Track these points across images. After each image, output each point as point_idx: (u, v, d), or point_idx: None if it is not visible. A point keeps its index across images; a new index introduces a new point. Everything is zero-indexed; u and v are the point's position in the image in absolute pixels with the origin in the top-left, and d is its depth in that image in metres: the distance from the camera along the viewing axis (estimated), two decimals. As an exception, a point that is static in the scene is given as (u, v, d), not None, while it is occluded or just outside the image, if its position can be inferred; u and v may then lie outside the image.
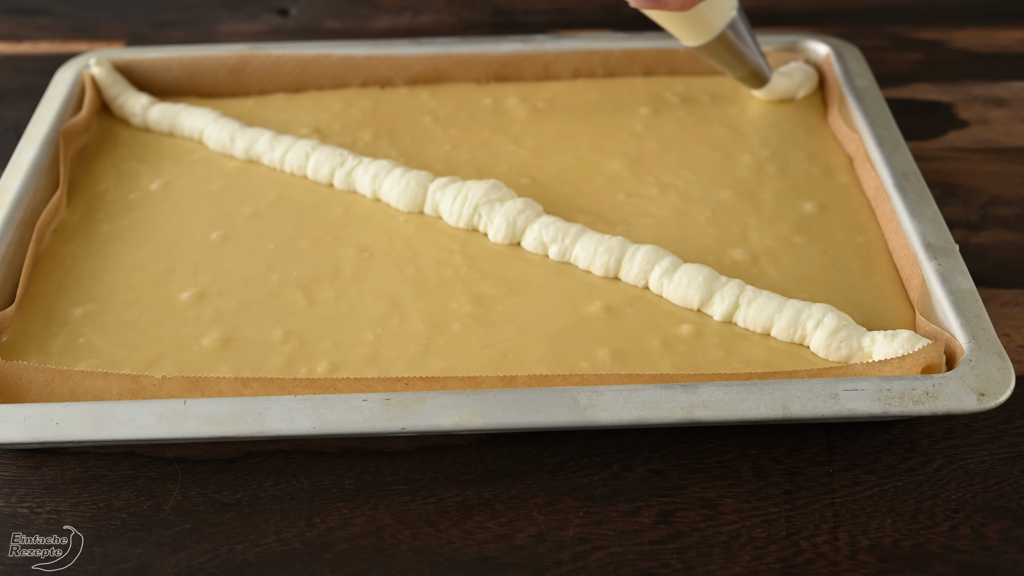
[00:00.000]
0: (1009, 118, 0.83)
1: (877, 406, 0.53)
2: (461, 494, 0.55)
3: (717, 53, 0.72)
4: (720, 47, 0.71)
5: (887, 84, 0.84)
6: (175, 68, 0.81)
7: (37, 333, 0.61)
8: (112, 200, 0.71)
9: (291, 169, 0.73)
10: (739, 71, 0.74)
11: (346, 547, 0.52)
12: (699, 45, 0.71)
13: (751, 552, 0.52)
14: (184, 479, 0.56)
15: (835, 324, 0.58)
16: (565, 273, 0.65)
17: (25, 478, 0.56)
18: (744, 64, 0.74)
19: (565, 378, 0.55)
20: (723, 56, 0.72)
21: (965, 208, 0.73)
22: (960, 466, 0.56)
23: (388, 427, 0.52)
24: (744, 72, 0.75)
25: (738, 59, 0.73)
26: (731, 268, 0.65)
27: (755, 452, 0.57)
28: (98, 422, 0.52)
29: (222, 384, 0.55)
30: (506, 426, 0.52)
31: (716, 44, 0.70)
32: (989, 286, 0.66)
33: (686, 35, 0.70)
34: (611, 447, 0.57)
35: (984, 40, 0.94)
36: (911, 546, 0.52)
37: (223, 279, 0.65)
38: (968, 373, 0.54)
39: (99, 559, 0.52)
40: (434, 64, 0.82)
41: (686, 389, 0.53)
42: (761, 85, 0.77)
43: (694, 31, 0.69)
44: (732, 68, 0.74)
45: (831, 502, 0.54)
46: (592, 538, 0.53)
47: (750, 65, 0.74)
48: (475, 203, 0.67)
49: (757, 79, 0.76)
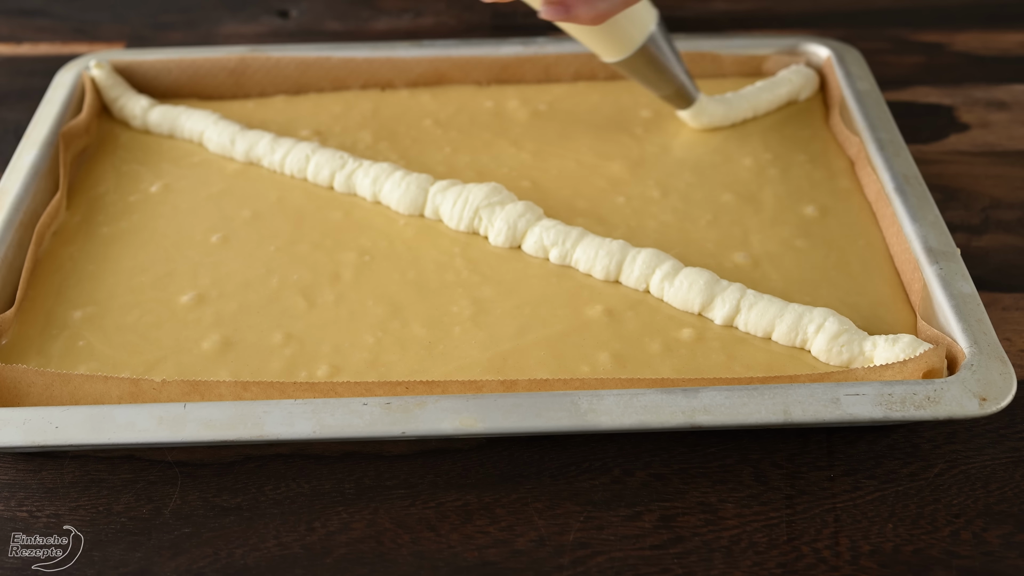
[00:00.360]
0: (1010, 121, 0.83)
1: (878, 411, 0.52)
2: (461, 498, 0.55)
3: (637, 70, 0.69)
4: (640, 63, 0.68)
5: (888, 87, 0.84)
6: (175, 70, 0.81)
7: (37, 336, 0.61)
8: (112, 202, 0.71)
9: (291, 172, 0.73)
10: (662, 89, 0.72)
11: (346, 551, 0.52)
12: (617, 61, 0.68)
13: (752, 557, 0.52)
14: (184, 483, 0.55)
15: (836, 328, 0.58)
16: (566, 276, 0.65)
17: (24, 481, 0.56)
18: (667, 82, 0.71)
19: (566, 382, 0.55)
20: (644, 73, 0.70)
21: (966, 212, 0.73)
22: (961, 471, 0.56)
23: (388, 431, 0.52)
24: (668, 91, 0.72)
25: (660, 77, 0.70)
26: (732, 272, 0.64)
27: (756, 457, 0.57)
28: (98, 426, 0.52)
29: (222, 388, 0.55)
30: (507, 430, 0.52)
31: (635, 60, 0.68)
32: (990, 290, 0.66)
33: (603, 50, 0.68)
34: (612, 451, 0.57)
35: (985, 43, 0.94)
36: (912, 551, 0.52)
37: (223, 282, 0.64)
38: (970, 378, 0.54)
39: (98, 563, 0.52)
40: (435, 66, 0.82)
41: (687, 393, 0.53)
42: (687, 105, 0.74)
43: (611, 46, 0.67)
44: (654, 86, 0.71)
45: (832, 507, 0.54)
46: (593, 543, 0.52)
47: (674, 83, 0.71)
48: (476, 206, 0.67)
49: (682, 99, 0.73)
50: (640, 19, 0.66)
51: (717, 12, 1.00)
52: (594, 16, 0.58)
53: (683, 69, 0.71)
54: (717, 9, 1.00)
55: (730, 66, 0.83)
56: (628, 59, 0.68)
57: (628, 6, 0.60)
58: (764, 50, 0.83)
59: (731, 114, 0.77)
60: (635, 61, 0.68)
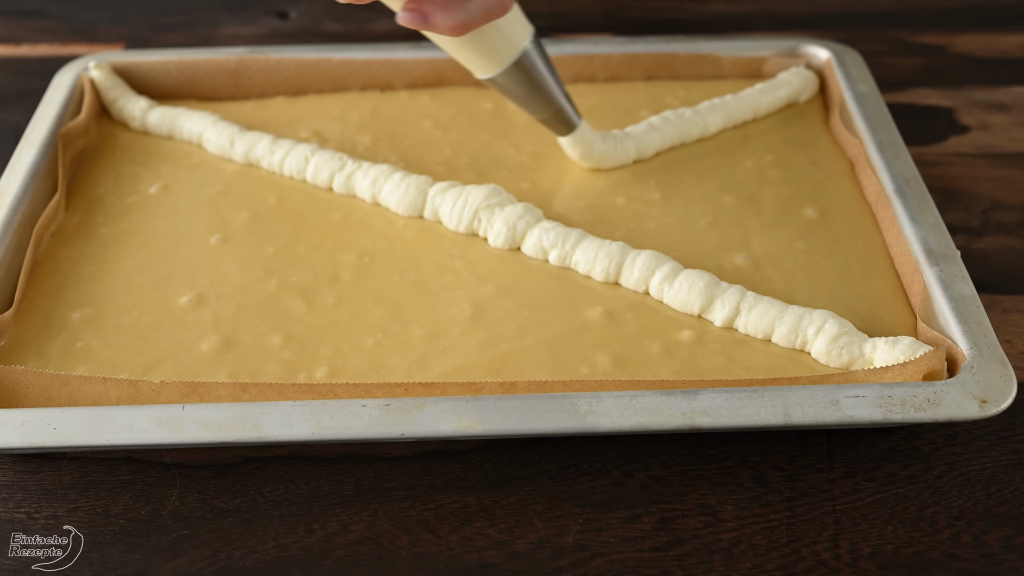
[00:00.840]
0: (1010, 123, 0.83)
1: (878, 413, 0.52)
2: (460, 500, 0.55)
3: (510, 89, 0.65)
4: (512, 82, 0.64)
5: (888, 89, 0.84)
6: (174, 71, 0.81)
7: (35, 337, 0.61)
8: (111, 204, 0.71)
9: (290, 173, 0.73)
10: (539, 112, 0.67)
11: (345, 554, 0.52)
12: (488, 77, 0.64)
13: (752, 559, 0.52)
14: (182, 484, 0.55)
15: (836, 330, 0.58)
16: (565, 278, 0.65)
17: (23, 483, 0.56)
18: (544, 105, 0.67)
19: (565, 384, 0.55)
20: (517, 93, 0.66)
21: (966, 214, 0.73)
22: (961, 473, 0.56)
23: (387, 433, 0.52)
24: (545, 114, 0.68)
25: (535, 98, 0.66)
26: (732, 273, 0.64)
27: (756, 459, 0.56)
28: (96, 427, 0.52)
29: (221, 389, 0.55)
30: (506, 432, 0.52)
31: (507, 78, 0.64)
32: (991, 292, 0.66)
33: (473, 64, 0.64)
34: (611, 453, 0.57)
35: (985, 45, 0.94)
36: (912, 554, 0.52)
37: (222, 283, 0.64)
38: (970, 380, 0.54)
39: (97, 564, 0.52)
40: (434, 68, 0.82)
41: (687, 395, 0.53)
42: (567, 131, 0.70)
43: (480, 60, 0.63)
44: (530, 108, 0.67)
45: (832, 509, 0.54)
46: (592, 545, 0.52)
47: (551, 106, 0.67)
48: (475, 208, 0.67)
49: (561, 124, 0.69)
50: (511, 34, 0.62)
51: (717, 14, 1.00)
52: (453, 26, 0.55)
53: (562, 92, 0.67)
54: (717, 11, 1.00)
55: (730, 68, 0.83)
56: (499, 76, 0.64)
57: (491, 19, 0.56)
58: (764, 52, 0.83)
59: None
60: (507, 79, 0.64)
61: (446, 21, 0.54)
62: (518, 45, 0.62)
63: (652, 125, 0.75)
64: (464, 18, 0.54)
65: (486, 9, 0.55)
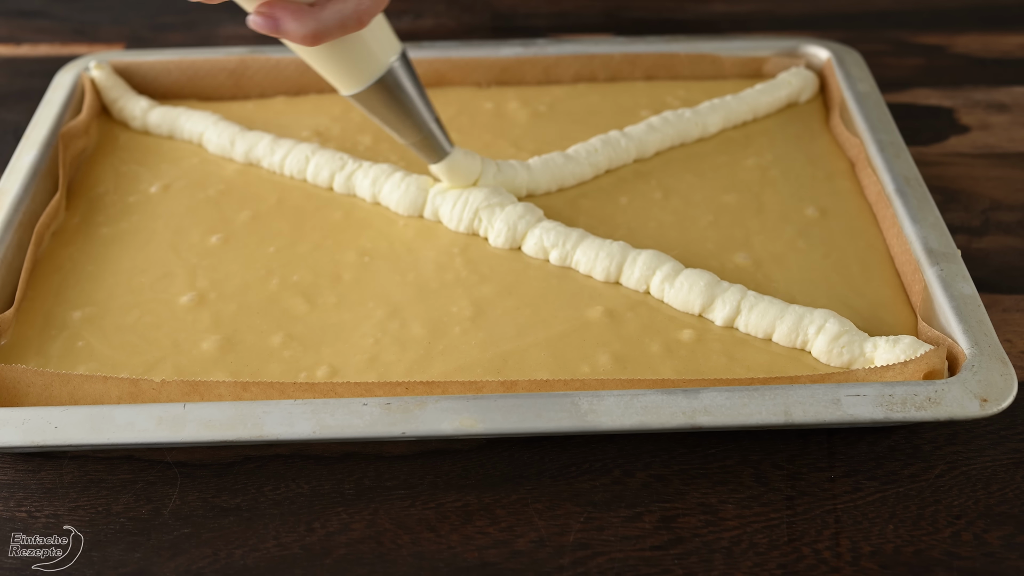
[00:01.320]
0: (1011, 123, 0.83)
1: (879, 412, 0.52)
2: (461, 499, 0.55)
3: (375, 108, 0.61)
4: (376, 101, 0.60)
5: (888, 89, 0.84)
6: (175, 71, 0.81)
7: (36, 336, 0.61)
8: (111, 203, 0.71)
9: (291, 173, 0.73)
10: (406, 136, 0.63)
11: (346, 552, 0.52)
12: (351, 95, 0.60)
13: (753, 558, 0.52)
14: (183, 483, 0.55)
15: (837, 329, 0.58)
16: (566, 278, 0.65)
17: (23, 482, 0.56)
18: (411, 128, 0.62)
19: (566, 383, 0.55)
20: (382, 114, 0.61)
21: (967, 213, 0.73)
22: (962, 472, 0.56)
23: (388, 432, 0.52)
24: (413, 138, 0.63)
25: (401, 120, 0.62)
26: (733, 272, 0.64)
27: (756, 458, 0.56)
28: (97, 426, 0.52)
29: (221, 388, 0.55)
30: (507, 431, 0.52)
31: (370, 97, 0.59)
32: (991, 292, 0.66)
33: (335, 79, 0.59)
34: (612, 452, 0.57)
35: (985, 45, 0.94)
36: (913, 552, 0.52)
37: (222, 283, 0.64)
38: (970, 379, 0.54)
39: (98, 563, 0.52)
40: (435, 68, 0.82)
41: (687, 394, 0.53)
42: (438, 158, 0.65)
43: (341, 75, 0.59)
44: (397, 130, 0.63)
45: (833, 508, 0.54)
46: (593, 543, 0.52)
47: (419, 130, 0.63)
48: (475, 207, 0.67)
49: (431, 150, 0.64)
50: (376, 49, 0.58)
51: (717, 14, 1.00)
52: (304, 35, 0.52)
53: (433, 115, 0.63)
54: (717, 11, 1.00)
55: (730, 68, 0.83)
56: (362, 94, 0.59)
57: (346, 32, 0.53)
58: (764, 52, 0.83)
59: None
60: (371, 98, 0.60)
61: (297, 29, 0.51)
62: (383, 62, 0.58)
63: (652, 125, 0.75)
64: (316, 27, 0.52)
65: (340, 20, 0.52)
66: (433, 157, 0.65)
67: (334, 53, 0.56)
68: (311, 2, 0.51)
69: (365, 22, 0.53)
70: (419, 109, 0.61)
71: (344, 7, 0.52)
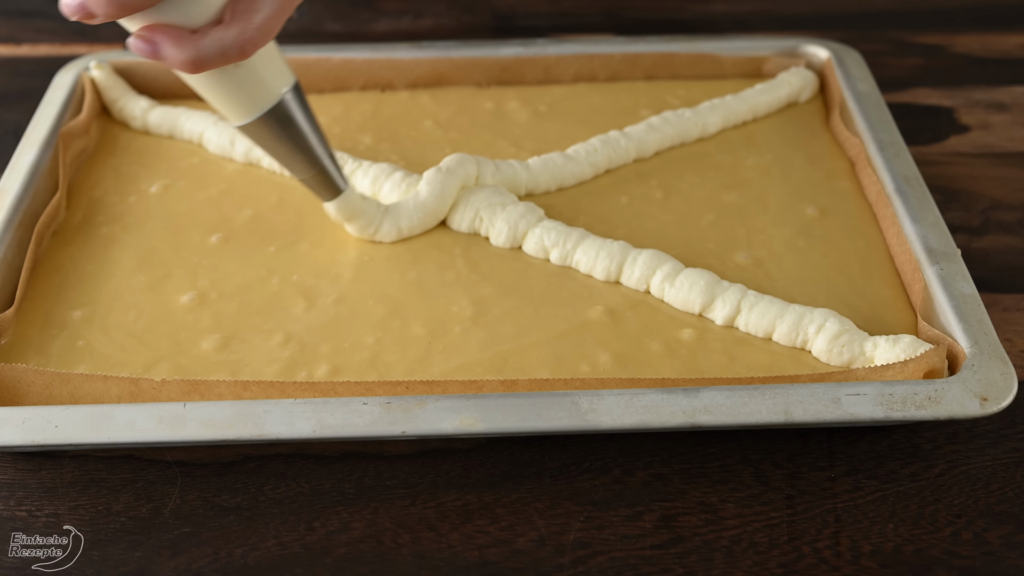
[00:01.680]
0: (1010, 123, 0.83)
1: (879, 411, 0.52)
2: (462, 498, 0.55)
3: (264, 142, 0.58)
4: (265, 135, 0.57)
5: (888, 89, 0.84)
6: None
7: (36, 336, 0.61)
8: (111, 203, 0.71)
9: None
10: (298, 171, 0.60)
11: (346, 551, 0.52)
12: (239, 126, 0.57)
13: (753, 557, 0.52)
14: (183, 482, 0.55)
15: (837, 329, 0.58)
16: (566, 277, 0.65)
17: (24, 481, 0.56)
18: (303, 164, 0.60)
19: (566, 382, 0.55)
20: (273, 148, 0.58)
21: (967, 213, 0.73)
22: (962, 471, 0.56)
23: (388, 431, 0.52)
24: (305, 174, 0.61)
25: (294, 155, 0.59)
26: (733, 272, 0.64)
27: (757, 457, 0.56)
28: (97, 425, 0.52)
29: (222, 387, 0.55)
30: (507, 430, 0.52)
31: (260, 129, 0.57)
32: (991, 291, 0.66)
33: (222, 108, 0.56)
34: (612, 451, 0.57)
35: (985, 45, 0.94)
36: (913, 551, 0.52)
37: (223, 283, 0.64)
38: (970, 378, 0.54)
39: (98, 562, 0.52)
40: (435, 67, 0.82)
41: (688, 393, 0.53)
42: (332, 196, 0.63)
43: (228, 105, 0.56)
44: (289, 165, 0.60)
45: (833, 507, 0.54)
46: (593, 542, 0.52)
47: (313, 166, 0.60)
48: (476, 207, 0.67)
49: (324, 187, 0.62)
50: (267, 80, 0.55)
51: (717, 14, 1.00)
52: (183, 62, 0.50)
53: (327, 151, 0.60)
54: (717, 11, 1.00)
55: (730, 68, 0.83)
56: (251, 126, 0.56)
57: (228, 61, 0.51)
58: (764, 52, 0.83)
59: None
60: (260, 130, 0.57)
61: (176, 55, 0.50)
62: (273, 93, 0.56)
63: (651, 125, 0.75)
64: (195, 55, 0.50)
65: (221, 50, 0.50)
66: (326, 195, 0.63)
67: (220, 81, 0.54)
68: (193, 28, 0.50)
69: (249, 53, 0.51)
70: (311, 144, 0.59)
71: (225, 36, 0.50)
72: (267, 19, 0.51)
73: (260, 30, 0.51)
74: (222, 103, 0.56)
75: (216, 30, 0.50)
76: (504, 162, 0.70)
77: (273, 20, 0.51)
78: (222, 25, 0.50)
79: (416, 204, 0.67)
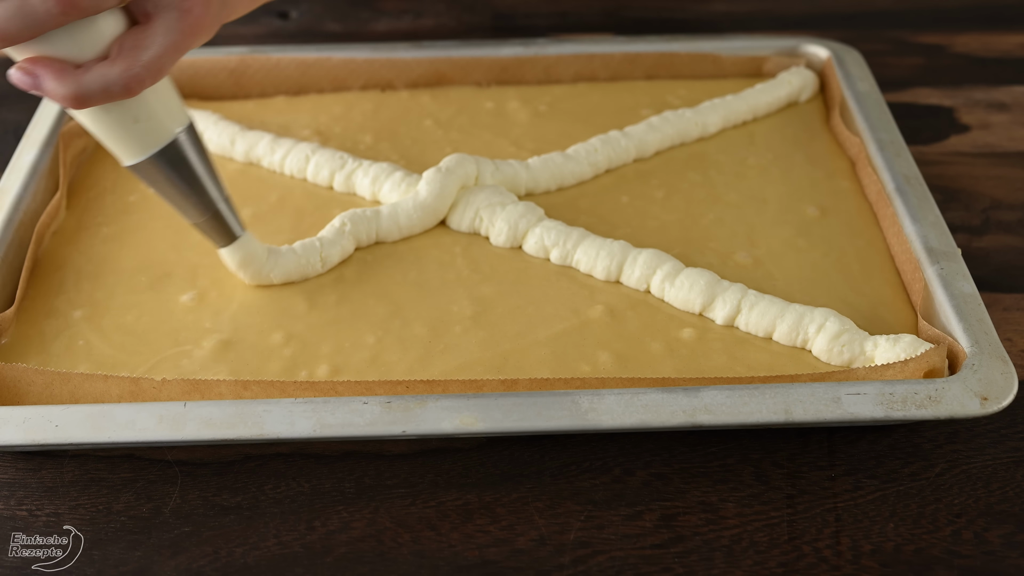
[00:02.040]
0: (1011, 122, 0.83)
1: (879, 410, 0.52)
2: (462, 498, 0.55)
3: (156, 184, 0.56)
4: (156, 176, 0.55)
5: (888, 88, 0.84)
6: (175, 71, 0.81)
7: (36, 335, 0.61)
8: (111, 203, 0.71)
9: (291, 172, 0.73)
10: (191, 215, 0.58)
11: (346, 551, 0.52)
12: (129, 165, 0.54)
13: (753, 556, 0.52)
14: (184, 482, 0.55)
15: (837, 328, 0.58)
16: (567, 276, 0.65)
17: (24, 480, 0.56)
18: (196, 207, 0.58)
19: (566, 382, 0.55)
20: (165, 190, 0.56)
21: (967, 213, 0.73)
22: (963, 471, 0.56)
23: (389, 430, 0.52)
24: (198, 219, 0.58)
25: (186, 198, 0.57)
26: (733, 271, 0.64)
27: (757, 456, 0.56)
28: (97, 424, 0.52)
29: (222, 387, 0.55)
30: (507, 430, 0.52)
31: (150, 170, 0.55)
32: (991, 290, 0.66)
33: (112, 146, 0.54)
34: (612, 451, 0.57)
35: (985, 44, 0.94)
36: (914, 551, 0.52)
37: (223, 282, 0.64)
38: (971, 377, 0.54)
39: (98, 562, 0.52)
40: (435, 67, 0.82)
41: (688, 393, 0.53)
42: (226, 241, 0.61)
43: (117, 143, 0.54)
44: (181, 208, 0.58)
45: (833, 506, 0.54)
46: (593, 542, 0.52)
47: (207, 210, 0.58)
48: (476, 206, 0.67)
49: (218, 232, 0.60)
50: (161, 118, 0.53)
51: (717, 13, 1.00)
52: (65, 97, 0.48)
53: (222, 195, 0.58)
54: (717, 10, 1.00)
55: (730, 67, 0.83)
56: (141, 165, 0.54)
57: (112, 99, 0.49)
58: (764, 51, 0.83)
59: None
60: (150, 171, 0.55)
61: (56, 89, 0.48)
62: (165, 133, 0.54)
63: (652, 124, 0.75)
64: (77, 90, 0.48)
65: (103, 86, 0.48)
66: (220, 240, 0.60)
67: (109, 118, 0.52)
68: (79, 62, 0.48)
69: (135, 91, 0.49)
70: (205, 186, 0.57)
71: (109, 73, 0.48)
72: (156, 57, 0.49)
73: (148, 68, 0.49)
74: (111, 140, 0.53)
75: (101, 66, 0.48)
76: (504, 162, 0.70)
77: (163, 59, 0.50)
78: (107, 61, 0.48)
79: (416, 204, 0.67)
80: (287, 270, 0.64)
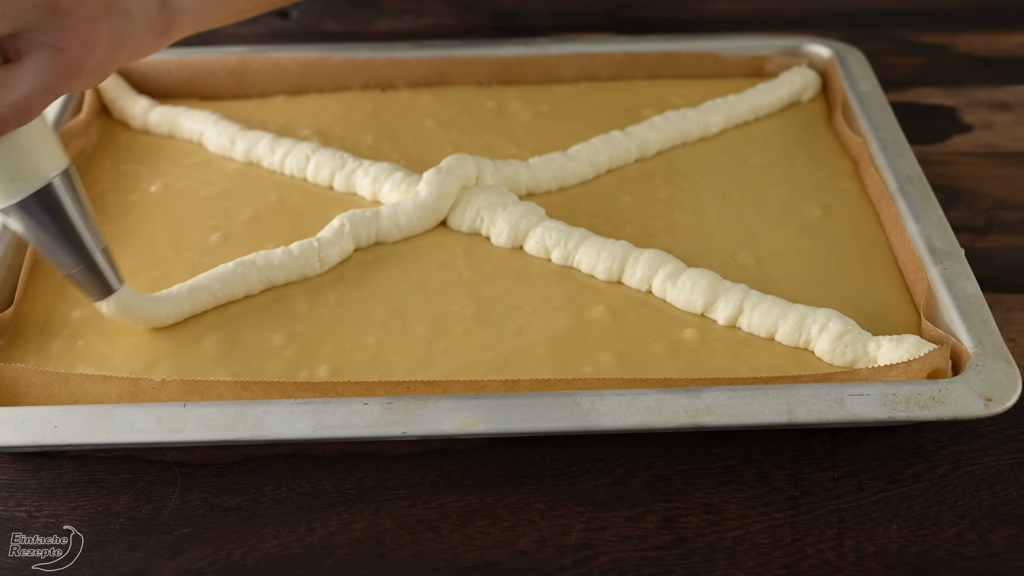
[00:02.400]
0: (1014, 122, 0.83)
1: (883, 411, 0.52)
2: (463, 499, 0.54)
3: (27, 230, 0.52)
4: (27, 222, 0.52)
5: (891, 88, 0.84)
6: (175, 70, 0.81)
7: (36, 335, 0.60)
8: (111, 202, 0.71)
9: (291, 172, 0.73)
10: (65, 265, 0.54)
11: (347, 552, 0.52)
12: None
13: (755, 558, 0.51)
14: (183, 483, 0.55)
15: (840, 329, 0.58)
16: (568, 277, 0.65)
17: (23, 482, 0.55)
18: (70, 257, 0.54)
19: (568, 382, 0.55)
20: (37, 236, 0.53)
21: (970, 213, 0.73)
22: (966, 472, 0.56)
23: (389, 431, 0.52)
24: (72, 269, 0.55)
25: (59, 247, 0.53)
26: (735, 272, 0.64)
27: (759, 457, 0.56)
28: (97, 425, 0.52)
29: (222, 388, 0.54)
30: (508, 431, 0.52)
31: (20, 215, 0.52)
32: (994, 291, 0.66)
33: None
34: (614, 452, 0.56)
35: (988, 44, 0.94)
36: (917, 552, 0.52)
37: (223, 282, 0.64)
38: (974, 378, 0.53)
39: (97, 563, 0.51)
40: (436, 67, 0.82)
41: (690, 393, 0.53)
42: (103, 295, 0.57)
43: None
44: (55, 257, 0.54)
45: (836, 508, 0.54)
46: (595, 543, 0.52)
47: (80, 260, 0.54)
48: (477, 207, 0.67)
49: (95, 285, 0.56)
50: (33, 159, 0.50)
51: (719, 13, 1.00)
52: None
53: (99, 245, 0.55)
54: (719, 10, 1.00)
55: (732, 67, 0.83)
56: (11, 209, 0.51)
57: None
58: (766, 51, 0.83)
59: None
60: (21, 216, 0.52)
61: None
62: (38, 176, 0.51)
63: (653, 124, 0.75)
64: None
65: None
66: (95, 293, 0.57)
67: None
68: None
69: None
70: (80, 235, 0.54)
71: None
72: (24, 97, 0.46)
73: (15, 109, 0.46)
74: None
75: None
76: (504, 162, 0.70)
77: (33, 99, 0.47)
78: None
79: (416, 204, 0.67)
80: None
